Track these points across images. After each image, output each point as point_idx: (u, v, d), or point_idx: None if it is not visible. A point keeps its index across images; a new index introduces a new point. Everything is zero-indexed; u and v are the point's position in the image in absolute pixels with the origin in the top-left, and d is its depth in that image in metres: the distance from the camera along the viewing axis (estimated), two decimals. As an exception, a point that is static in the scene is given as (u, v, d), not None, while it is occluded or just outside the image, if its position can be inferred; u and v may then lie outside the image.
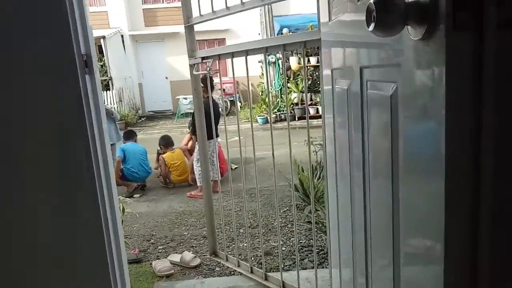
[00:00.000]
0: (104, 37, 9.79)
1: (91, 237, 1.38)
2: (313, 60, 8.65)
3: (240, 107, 10.65)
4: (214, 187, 4.20)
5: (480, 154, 0.54)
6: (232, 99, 10.59)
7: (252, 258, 2.65)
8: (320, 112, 1.80)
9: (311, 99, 8.75)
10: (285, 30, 9.25)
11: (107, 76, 9.98)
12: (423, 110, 0.62)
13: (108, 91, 9.90)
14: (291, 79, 8.95)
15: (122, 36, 11.42)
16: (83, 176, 1.34)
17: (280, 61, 9.02)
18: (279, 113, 8.96)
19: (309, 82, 8.79)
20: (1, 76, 1.26)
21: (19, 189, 1.33)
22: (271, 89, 9.14)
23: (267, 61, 2.61)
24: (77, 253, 1.39)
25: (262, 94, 9.76)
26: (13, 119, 1.29)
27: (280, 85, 9.11)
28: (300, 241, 2.90)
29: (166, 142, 5.00)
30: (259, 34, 10.23)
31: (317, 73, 8.58)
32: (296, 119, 8.63)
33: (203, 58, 2.35)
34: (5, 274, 1.38)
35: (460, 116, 0.53)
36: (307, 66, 8.70)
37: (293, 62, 8.77)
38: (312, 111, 8.35)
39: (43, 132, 1.31)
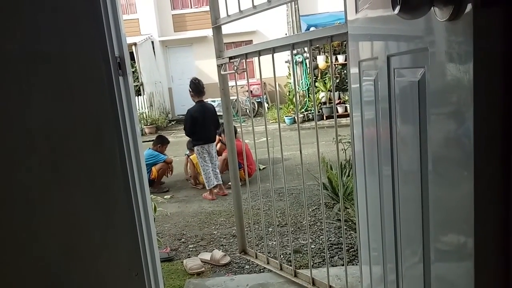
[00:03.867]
0: (135, 44, 10.13)
1: (125, 232, 1.44)
2: (341, 58, 8.53)
3: (268, 108, 10.65)
4: (211, 194, 4.29)
5: (511, 139, 0.52)
6: (259, 100, 10.61)
7: (281, 256, 2.64)
8: (348, 111, 1.77)
9: (339, 98, 8.62)
10: (312, 29, 9.19)
11: (139, 81, 10.31)
12: (452, 95, 0.60)
13: (139, 96, 10.23)
14: (318, 78, 8.85)
15: (152, 42, 11.78)
16: (117, 173, 1.40)
17: (307, 61, 8.96)
18: (306, 112, 8.88)
19: (337, 81, 8.66)
20: (42, 77, 1.34)
21: (56, 185, 1.41)
22: (298, 88, 9.08)
23: (294, 61, 2.60)
24: (112, 248, 1.45)
25: (289, 94, 9.72)
26: (53, 118, 1.37)
27: (307, 84, 9.03)
28: (330, 239, 2.87)
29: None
30: (285, 34, 10.21)
31: (345, 71, 8.44)
32: (324, 118, 8.52)
33: (230, 58, 2.38)
34: (44, 266, 1.46)
35: (489, 98, 0.51)
36: (335, 64, 8.59)
37: (321, 61, 8.69)
38: (340, 110, 8.23)
39: (80, 130, 1.37)
